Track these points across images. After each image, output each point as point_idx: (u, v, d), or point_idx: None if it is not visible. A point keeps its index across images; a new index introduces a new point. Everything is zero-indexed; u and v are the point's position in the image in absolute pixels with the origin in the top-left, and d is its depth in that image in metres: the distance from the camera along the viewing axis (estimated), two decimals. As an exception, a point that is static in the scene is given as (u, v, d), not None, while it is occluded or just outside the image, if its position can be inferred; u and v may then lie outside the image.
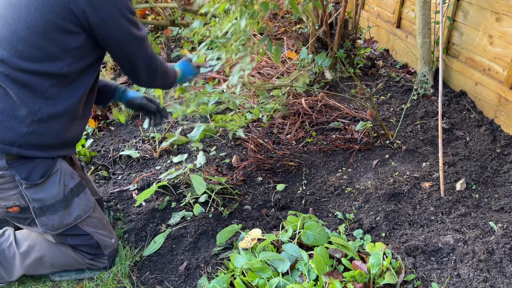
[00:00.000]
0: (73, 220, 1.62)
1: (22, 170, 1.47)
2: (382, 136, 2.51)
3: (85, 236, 1.69)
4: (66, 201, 1.59)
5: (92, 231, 1.70)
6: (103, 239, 1.73)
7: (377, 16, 3.80)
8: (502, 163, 2.20)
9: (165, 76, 1.72)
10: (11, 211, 1.54)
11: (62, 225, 1.61)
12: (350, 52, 3.19)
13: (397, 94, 3.00)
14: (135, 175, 2.39)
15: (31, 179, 1.48)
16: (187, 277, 1.71)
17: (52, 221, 1.58)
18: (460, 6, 2.71)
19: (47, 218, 1.57)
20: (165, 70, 1.71)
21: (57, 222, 1.59)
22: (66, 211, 1.60)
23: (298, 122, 2.70)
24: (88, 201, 1.69)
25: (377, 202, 1.99)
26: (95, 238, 1.71)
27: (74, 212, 1.63)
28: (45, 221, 1.57)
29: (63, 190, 1.58)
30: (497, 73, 2.46)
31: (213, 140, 2.64)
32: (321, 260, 1.52)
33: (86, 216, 1.66)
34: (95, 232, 1.71)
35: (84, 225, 1.67)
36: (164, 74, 1.71)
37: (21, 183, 1.47)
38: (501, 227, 1.77)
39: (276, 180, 2.26)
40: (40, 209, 1.54)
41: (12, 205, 1.52)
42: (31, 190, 1.50)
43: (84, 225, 1.67)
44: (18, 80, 1.40)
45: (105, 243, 1.75)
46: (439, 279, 1.59)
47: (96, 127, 2.90)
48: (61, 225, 1.61)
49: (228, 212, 2.01)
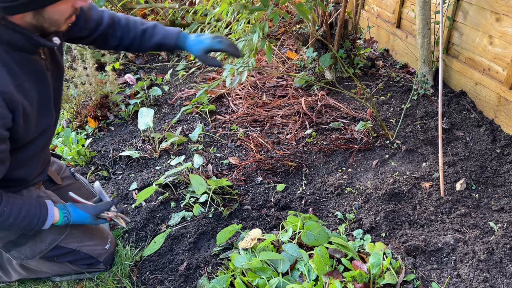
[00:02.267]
0: (47, 245, 1.55)
1: None
2: (382, 136, 2.51)
3: (72, 253, 1.62)
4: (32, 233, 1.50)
5: (77, 246, 1.62)
6: (93, 250, 1.67)
7: (377, 16, 3.80)
8: (502, 163, 2.20)
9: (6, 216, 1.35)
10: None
11: (36, 253, 1.55)
12: (350, 52, 3.19)
13: (397, 94, 3.00)
14: (135, 175, 2.39)
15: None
16: (187, 277, 1.71)
17: (24, 252, 1.53)
18: (460, 6, 2.71)
19: (17, 251, 1.52)
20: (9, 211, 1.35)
21: (29, 252, 1.53)
22: (37, 239, 1.53)
23: (298, 122, 2.70)
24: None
25: (377, 202, 1.99)
26: (84, 251, 1.64)
27: (47, 238, 1.55)
28: (16, 254, 1.53)
29: None
30: (497, 73, 2.46)
31: (213, 140, 2.64)
32: (321, 260, 1.52)
33: (63, 237, 1.58)
34: (81, 246, 1.63)
35: (68, 243, 1.60)
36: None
37: None
38: (501, 227, 1.77)
39: (276, 180, 2.26)
40: (6, 245, 1.50)
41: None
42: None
43: (68, 243, 1.60)
44: None
45: (98, 252, 1.69)
46: (439, 279, 1.59)
47: (96, 127, 2.90)
48: (36, 253, 1.55)
49: (228, 212, 2.01)
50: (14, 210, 1.35)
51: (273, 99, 3.00)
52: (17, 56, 1.26)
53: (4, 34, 1.19)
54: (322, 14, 3.00)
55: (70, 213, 1.52)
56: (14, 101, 1.22)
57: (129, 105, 3.03)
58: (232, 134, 2.67)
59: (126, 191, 2.26)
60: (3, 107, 1.19)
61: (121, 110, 3.03)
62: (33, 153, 1.45)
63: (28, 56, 1.30)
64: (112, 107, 3.04)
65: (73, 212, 1.53)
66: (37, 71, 1.35)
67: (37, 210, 1.42)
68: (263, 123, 2.76)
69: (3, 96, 1.18)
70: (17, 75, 1.26)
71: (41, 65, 1.36)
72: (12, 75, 1.24)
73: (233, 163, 2.39)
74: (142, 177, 2.33)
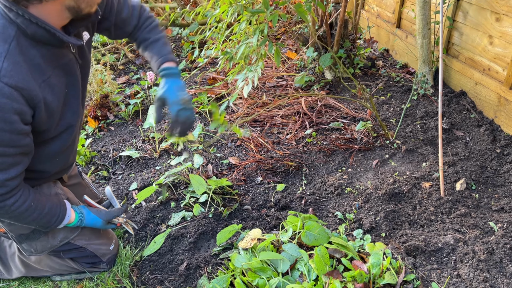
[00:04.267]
0: (58, 242, 1.58)
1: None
2: (382, 136, 2.51)
3: (78, 249, 1.65)
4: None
5: (85, 243, 1.65)
6: (98, 249, 1.70)
7: (377, 16, 3.80)
8: (502, 163, 2.20)
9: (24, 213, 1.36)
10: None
11: (46, 248, 1.57)
12: (350, 52, 3.19)
13: (397, 94, 3.00)
14: (135, 175, 2.39)
15: None
16: (187, 277, 1.71)
17: (35, 246, 1.55)
18: (460, 6, 2.71)
19: (28, 245, 1.54)
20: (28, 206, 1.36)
21: (40, 247, 1.55)
22: (50, 236, 1.56)
23: (298, 122, 2.70)
24: None
25: (377, 202, 1.99)
26: (90, 249, 1.67)
27: (58, 235, 1.57)
28: (26, 247, 1.54)
29: None
30: (497, 73, 2.46)
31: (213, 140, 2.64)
32: (321, 260, 1.52)
33: (73, 236, 1.61)
34: (88, 244, 1.66)
35: (76, 240, 1.63)
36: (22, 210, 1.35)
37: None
38: (501, 227, 1.77)
39: (276, 180, 2.26)
40: (18, 238, 1.52)
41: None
42: (5, 222, 1.48)
43: (76, 240, 1.63)
44: None
45: (102, 252, 1.71)
46: (439, 279, 1.59)
47: (96, 127, 2.90)
48: (45, 248, 1.57)
49: (228, 212, 2.01)
50: (39, 206, 1.39)
51: (273, 99, 3.00)
52: (45, 50, 1.25)
53: (28, 28, 1.18)
54: (322, 14, 3.00)
55: (84, 216, 1.57)
56: (35, 97, 1.21)
57: (129, 105, 3.03)
58: (232, 134, 2.67)
59: (126, 191, 2.26)
60: (23, 104, 1.19)
61: (121, 110, 3.03)
62: (59, 148, 1.46)
63: (56, 49, 1.29)
64: (112, 107, 3.04)
65: (87, 216, 1.58)
66: (66, 65, 1.34)
67: (57, 210, 1.46)
68: (263, 123, 2.76)
69: (22, 93, 1.18)
70: (43, 71, 1.25)
71: (71, 59, 1.36)
72: (37, 71, 1.23)
73: (233, 163, 2.39)
74: (142, 177, 2.33)
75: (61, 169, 1.58)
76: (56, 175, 1.59)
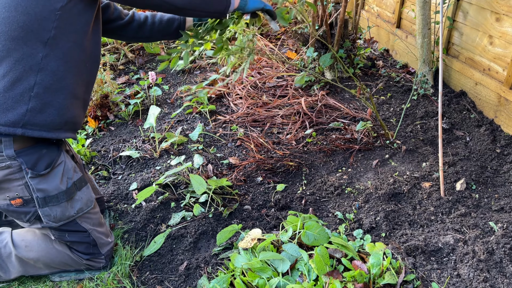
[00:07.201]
0: (75, 212, 1.64)
1: (29, 160, 1.49)
2: (382, 136, 2.51)
3: (83, 232, 1.70)
4: (68, 193, 1.61)
5: (90, 228, 1.71)
6: (100, 237, 1.75)
7: (377, 16, 3.80)
8: (502, 163, 2.20)
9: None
10: (13, 203, 1.55)
11: (64, 217, 1.62)
12: (350, 52, 3.19)
13: (397, 94, 3.00)
14: (135, 175, 2.39)
15: (36, 169, 1.51)
16: (187, 277, 1.72)
17: (55, 212, 1.59)
18: (460, 6, 2.71)
19: (50, 209, 1.58)
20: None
21: (59, 213, 1.60)
22: (69, 203, 1.62)
23: (298, 122, 2.70)
24: (90, 196, 1.71)
25: (377, 202, 1.99)
26: (93, 236, 1.72)
27: (76, 205, 1.65)
28: (47, 212, 1.58)
29: (66, 182, 1.60)
30: (497, 73, 2.46)
31: (213, 140, 2.64)
32: (321, 260, 1.52)
33: (87, 209, 1.69)
34: (93, 229, 1.72)
35: (83, 221, 1.69)
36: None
37: (27, 172, 1.49)
38: (501, 227, 1.77)
39: (276, 180, 2.26)
40: (43, 199, 1.56)
41: (15, 197, 1.54)
42: (35, 180, 1.52)
43: (83, 221, 1.69)
44: (10, 53, 1.39)
45: (102, 242, 1.76)
46: (439, 279, 1.59)
47: (96, 127, 2.90)
48: (63, 217, 1.62)
49: (228, 212, 2.01)
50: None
51: (273, 99, 3.00)
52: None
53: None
54: (322, 14, 3.00)
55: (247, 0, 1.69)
56: None
57: (129, 105, 3.03)
58: (232, 134, 2.67)
59: (126, 191, 2.26)
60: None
61: (121, 110, 3.03)
62: (95, 68, 1.65)
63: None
64: (112, 107, 3.04)
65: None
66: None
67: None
68: (263, 123, 2.76)
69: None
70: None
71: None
72: None
73: (233, 163, 2.39)
74: (142, 177, 2.33)
75: (85, 112, 1.69)
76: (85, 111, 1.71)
